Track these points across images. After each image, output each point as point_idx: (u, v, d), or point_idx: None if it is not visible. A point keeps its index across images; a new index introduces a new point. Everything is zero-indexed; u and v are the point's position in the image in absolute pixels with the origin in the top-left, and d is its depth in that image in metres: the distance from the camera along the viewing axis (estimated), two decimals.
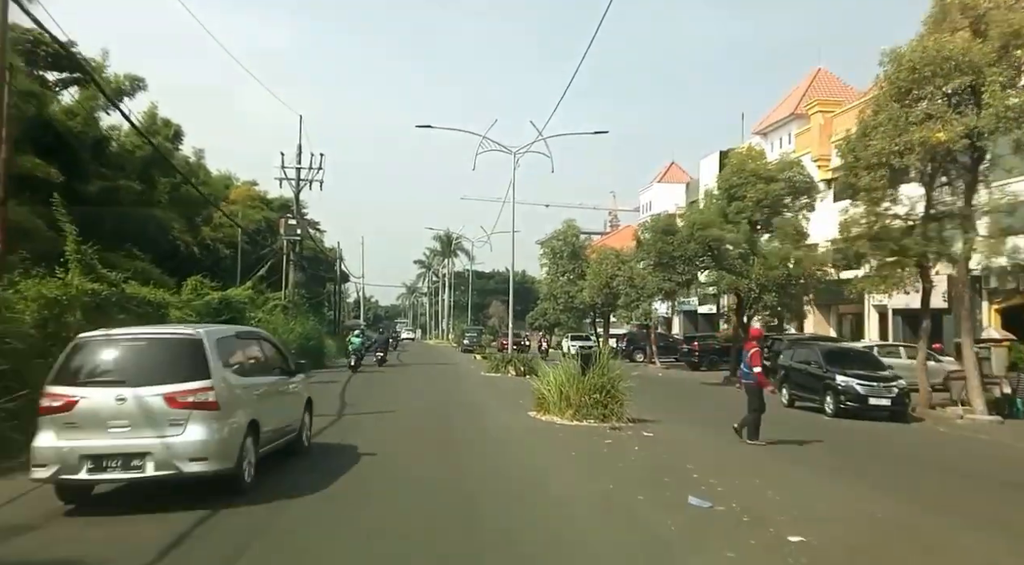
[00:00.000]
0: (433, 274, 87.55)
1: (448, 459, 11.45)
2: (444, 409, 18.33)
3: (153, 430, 8.10)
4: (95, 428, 8.05)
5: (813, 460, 13.03)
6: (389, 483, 9.66)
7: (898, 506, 9.31)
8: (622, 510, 8.57)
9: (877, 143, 19.99)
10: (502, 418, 16.69)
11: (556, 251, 50.12)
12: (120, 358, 8.54)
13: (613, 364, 16.88)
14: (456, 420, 16.24)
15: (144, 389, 8.15)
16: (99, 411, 8.06)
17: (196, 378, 8.35)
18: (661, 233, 29.66)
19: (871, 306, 39.68)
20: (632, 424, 15.84)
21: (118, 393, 8.11)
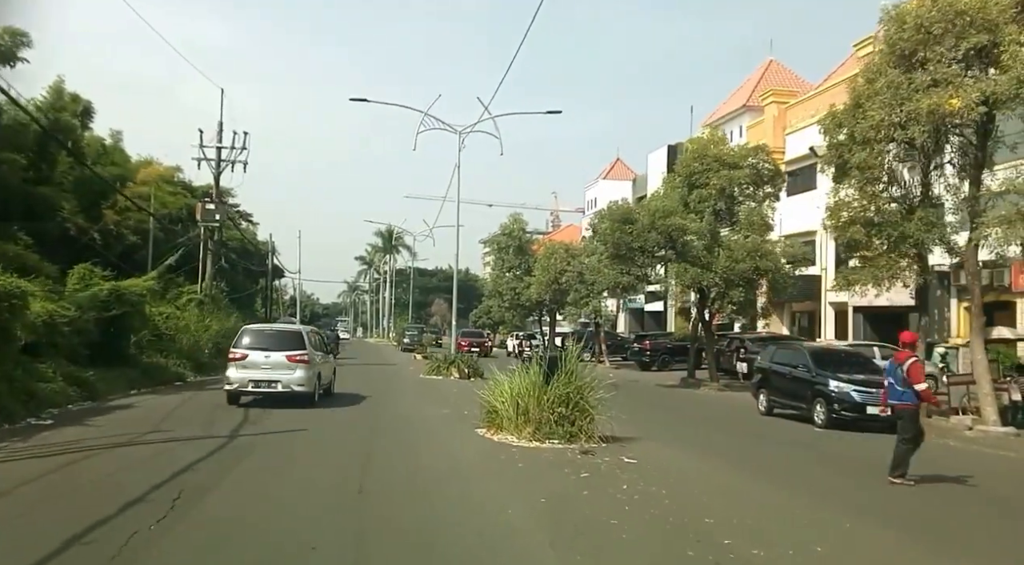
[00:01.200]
0: (375, 271, 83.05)
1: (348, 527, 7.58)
2: (369, 427, 14.46)
3: (280, 372, 16.61)
4: (254, 368, 16.64)
5: (874, 504, 9.59)
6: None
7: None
8: None
9: (875, 113, 16.87)
10: (443, 440, 12.94)
11: (501, 246, 46.55)
12: (265, 337, 17.71)
13: (583, 368, 13.30)
14: (381, 446, 12.17)
15: (276, 353, 16.79)
16: (257, 361, 16.68)
17: (300, 349, 17.05)
18: (619, 222, 26.22)
19: (827, 304, 37.10)
20: (605, 444, 12.30)
21: (265, 353, 16.79)
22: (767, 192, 28.61)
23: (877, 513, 8.74)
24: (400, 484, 8.97)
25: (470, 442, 12.52)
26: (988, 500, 10.13)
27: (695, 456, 12.25)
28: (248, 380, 16.51)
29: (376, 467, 10.06)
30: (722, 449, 13.29)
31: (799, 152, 37.61)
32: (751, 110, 43.78)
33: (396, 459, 10.85)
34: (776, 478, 10.61)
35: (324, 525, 7.01)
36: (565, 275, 39.36)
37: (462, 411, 15.54)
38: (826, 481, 10.86)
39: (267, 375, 16.50)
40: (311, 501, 7.99)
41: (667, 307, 50.07)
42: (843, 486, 10.49)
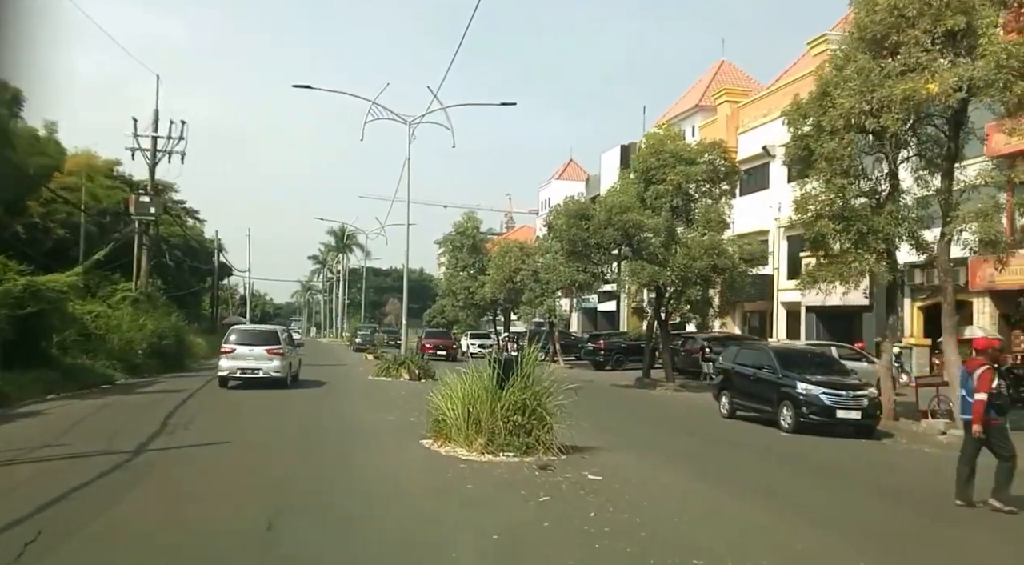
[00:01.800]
0: (328, 270, 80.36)
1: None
2: (300, 438, 12.56)
3: (261, 361, 20.57)
4: (241, 359, 20.54)
5: (884, 529, 8.13)
6: None
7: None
8: None
9: (845, 101, 15.60)
10: (383, 453, 11.13)
11: (455, 245, 44.75)
12: (249, 334, 21.91)
13: (542, 371, 11.67)
14: (310, 462, 10.28)
15: (259, 347, 20.71)
16: (243, 353, 20.59)
17: (276, 344, 21.14)
18: (575, 218, 24.72)
19: (780, 303, 36.20)
20: (565, 456, 10.70)
21: (249, 347, 20.69)
22: (723, 189, 27.44)
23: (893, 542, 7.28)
24: (322, 516, 7.20)
25: (414, 456, 10.79)
26: (991, 521, 8.77)
27: (664, 469, 10.71)
28: (237, 368, 20.80)
29: (296, 492, 8.27)
30: (692, 459, 11.79)
31: (752, 151, 36.68)
32: (704, 110, 42.79)
33: (324, 480, 9.07)
34: (758, 496, 9.12)
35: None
36: (520, 274, 37.80)
37: (408, 418, 13.81)
38: (814, 498, 9.40)
39: (251, 364, 20.76)
40: (202, 545, 6.19)
41: (620, 306, 48.88)
42: (837, 505, 9.03)
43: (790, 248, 34.93)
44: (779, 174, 36.16)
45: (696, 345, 31.20)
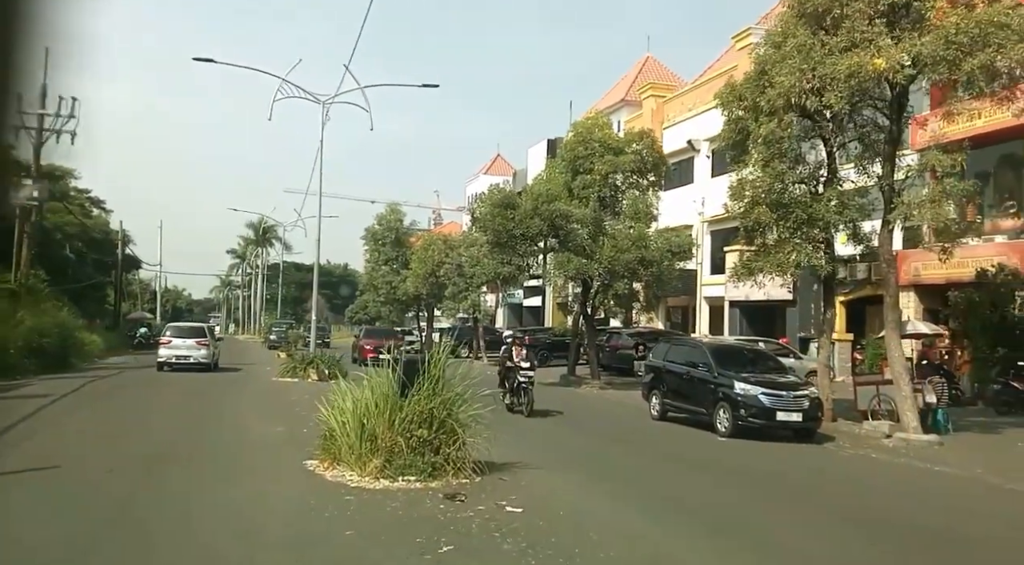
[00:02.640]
0: (247, 265, 76.12)
1: None
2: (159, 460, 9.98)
3: (192, 351, 25.16)
4: (176, 349, 25.17)
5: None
6: None
7: None
8: None
9: (784, 79, 14.05)
10: (254, 480, 8.79)
11: (378, 237, 42.12)
12: (183, 329, 27.52)
13: (455, 372, 9.59)
14: (151, 498, 7.84)
15: (190, 339, 25.62)
16: (177, 344, 25.30)
17: (203, 337, 26.09)
18: (500, 207, 22.73)
19: (703, 298, 35.09)
20: (480, 478, 8.68)
21: (182, 340, 25.60)
22: (651, 180, 25.94)
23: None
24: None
25: (292, 483, 8.56)
26: (967, 541, 7.16)
27: (597, 495, 8.79)
28: (173, 355, 25.35)
29: (112, 545, 5.97)
30: (628, 479, 9.94)
31: (677, 146, 35.39)
32: (629, 105, 41.46)
33: (164, 520, 6.77)
34: (715, 533, 7.29)
35: None
36: (443, 268, 35.56)
37: (302, 429, 11.51)
38: (781, 533, 7.62)
39: (184, 352, 25.31)
40: None
41: (546, 302, 47.22)
42: (810, 542, 7.26)
43: (714, 243, 33.91)
44: (703, 169, 35.07)
45: (621, 341, 29.69)
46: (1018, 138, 19.67)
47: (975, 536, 7.56)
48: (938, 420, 14.63)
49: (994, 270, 18.70)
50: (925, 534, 7.48)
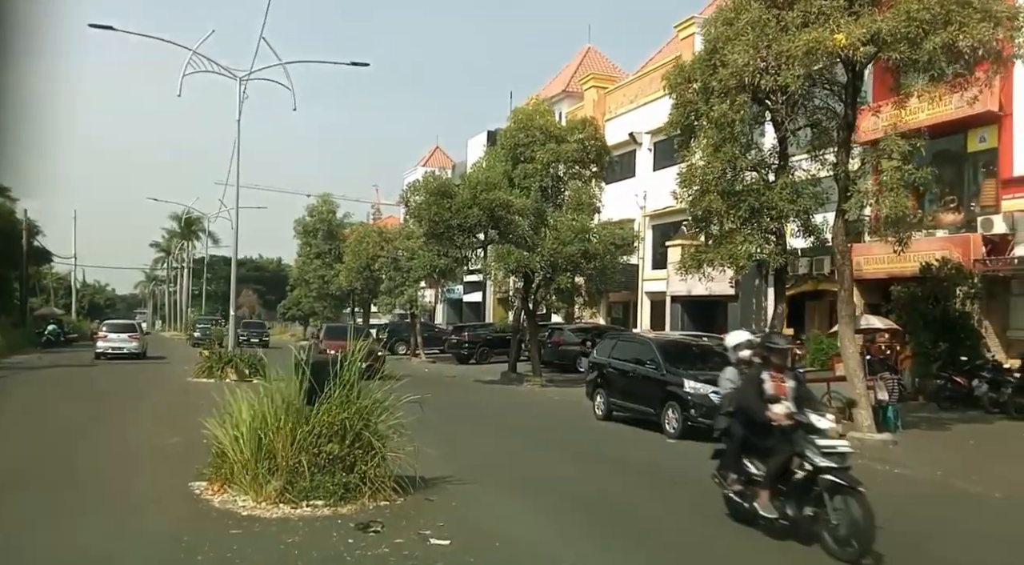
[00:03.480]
0: (173, 259, 72.43)
1: None
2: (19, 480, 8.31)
3: (125, 342, 30.80)
4: (113, 342, 30.70)
5: None
6: None
7: None
8: None
9: (738, 57, 13.01)
10: (128, 508, 7.22)
11: (309, 229, 40.09)
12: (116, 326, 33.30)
13: (379, 375, 8.17)
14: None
15: (123, 333, 31.46)
16: (112, 338, 30.90)
17: (134, 331, 32.53)
18: (436, 196, 21.30)
19: (644, 293, 34.31)
20: (402, 500, 7.33)
21: (117, 334, 31.33)
22: (594, 172, 24.90)
23: None
24: None
25: (167, 512, 7.04)
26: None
27: (538, 516, 7.52)
28: (109, 347, 30.31)
29: None
30: (572, 493, 8.68)
31: (618, 138, 34.47)
32: (571, 96, 40.45)
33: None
34: (666, 556, 6.08)
35: None
36: (378, 261, 33.89)
37: (201, 439, 9.87)
38: (751, 556, 6.47)
39: (118, 344, 30.59)
40: None
41: (486, 297, 45.91)
42: (782, 561, 6.13)
43: (655, 237, 33.17)
44: (645, 162, 34.26)
45: (563, 336, 28.63)
46: (957, 132, 19.29)
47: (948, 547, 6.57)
48: (888, 418, 13.84)
49: (938, 264, 18.20)
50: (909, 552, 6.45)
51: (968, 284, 17.48)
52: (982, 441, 12.87)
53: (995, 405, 15.42)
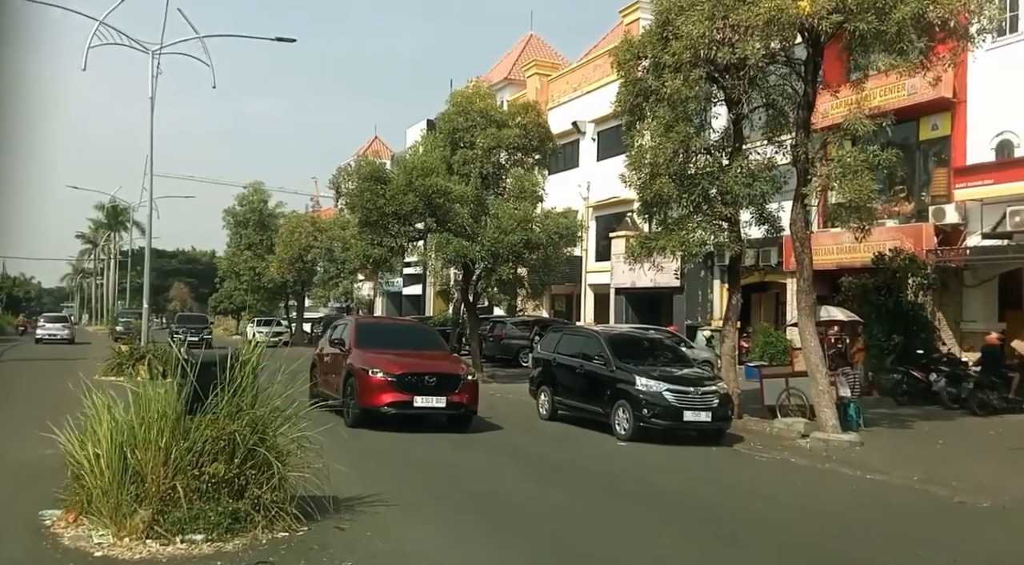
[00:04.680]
0: (101, 251, 68.49)
1: None
2: None
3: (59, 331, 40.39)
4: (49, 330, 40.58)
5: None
6: None
7: None
8: None
9: (692, 28, 11.94)
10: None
11: (239, 219, 37.87)
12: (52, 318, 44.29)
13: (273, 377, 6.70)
14: None
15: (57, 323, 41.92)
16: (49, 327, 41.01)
17: (67, 322, 43.86)
18: (369, 181, 19.76)
19: (587, 286, 33.35)
20: (307, 528, 5.94)
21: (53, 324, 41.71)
22: (537, 159, 23.68)
23: None
24: None
25: (3, 549, 5.47)
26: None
27: (472, 543, 6.22)
28: (46, 334, 39.32)
29: None
30: (512, 510, 7.40)
31: (562, 128, 33.36)
32: (513, 84, 39.17)
33: None
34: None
35: None
36: (311, 252, 32.03)
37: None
38: None
39: (54, 332, 39.60)
40: None
41: (426, 290, 44.35)
42: None
43: (599, 229, 32.23)
44: (589, 152, 33.26)
45: (506, 330, 27.40)
46: (909, 120, 18.72)
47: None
48: (850, 415, 13.03)
49: (891, 255, 17.58)
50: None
51: (921, 275, 16.89)
52: (950, 441, 12.12)
53: (954, 400, 14.79)
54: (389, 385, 11.40)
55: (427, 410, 11.59)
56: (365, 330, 13.50)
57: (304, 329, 42.73)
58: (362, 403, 11.59)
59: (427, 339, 14.12)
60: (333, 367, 13.08)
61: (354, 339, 12.77)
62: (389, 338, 13.52)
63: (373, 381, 11.50)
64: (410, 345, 13.13)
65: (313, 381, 13.22)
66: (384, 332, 14.45)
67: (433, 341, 14.08)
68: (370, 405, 11.46)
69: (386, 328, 15.69)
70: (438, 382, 11.61)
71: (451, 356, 13.71)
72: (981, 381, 14.57)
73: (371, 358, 11.94)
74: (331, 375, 13.03)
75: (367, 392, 11.49)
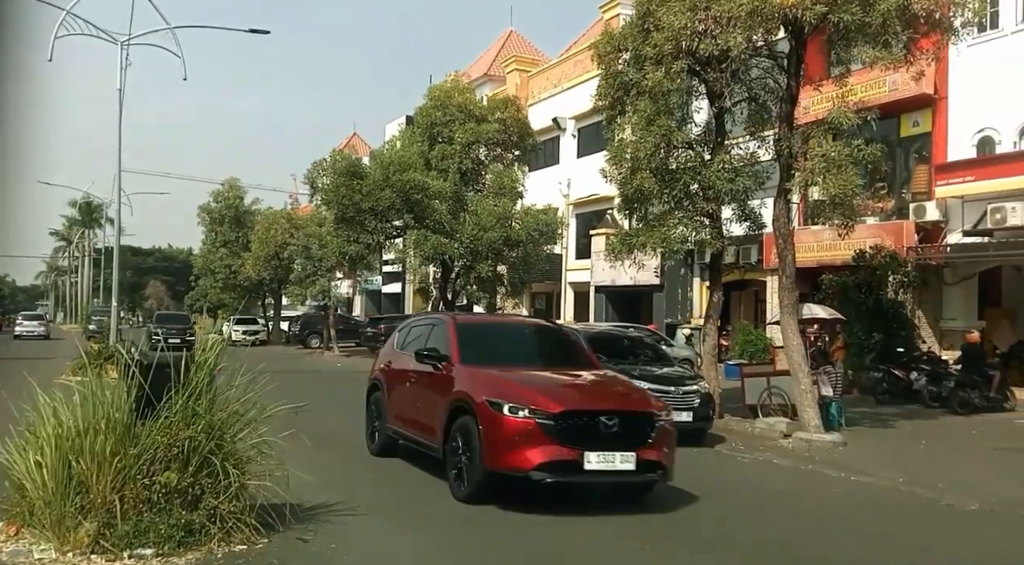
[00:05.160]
0: (76, 249, 67.24)
1: None
2: None
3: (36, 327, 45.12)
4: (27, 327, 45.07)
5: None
6: None
7: None
8: None
9: (674, 19, 11.64)
10: None
11: (214, 215, 37.18)
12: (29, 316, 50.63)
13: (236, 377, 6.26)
14: None
15: (35, 321, 47.18)
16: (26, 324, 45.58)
17: (43, 320, 49.62)
18: (345, 176, 19.32)
19: (567, 284, 33.09)
20: (268, 538, 5.56)
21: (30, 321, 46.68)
22: (516, 155, 23.39)
23: None
24: None
25: None
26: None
27: (452, 557, 5.85)
28: (24, 330, 43.22)
29: None
30: (499, 518, 7.02)
31: (542, 124, 33.07)
32: (493, 80, 38.86)
33: None
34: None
35: None
36: (287, 249, 31.47)
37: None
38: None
39: (31, 329, 43.70)
40: None
41: (406, 288, 43.91)
42: None
43: (579, 226, 31.98)
44: (569, 149, 32.98)
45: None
46: (890, 116, 18.61)
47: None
48: (832, 415, 12.81)
49: (872, 252, 17.46)
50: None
51: (902, 273, 16.77)
52: (933, 440, 11.94)
53: (935, 399, 14.66)
54: (543, 433, 6.73)
55: (606, 476, 6.93)
56: (470, 334, 8.51)
57: (281, 328, 42.09)
58: (492, 463, 6.87)
59: (565, 348, 9.14)
60: (421, 394, 8.50)
61: (456, 350, 8.02)
62: (509, 347, 8.68)
63: (512, 425, 6.81)
64: (544, 358, 8.61)
65: (374, 413, 9.63)
66: (499, 337, 9.14)
67: (573, 351, 9.04)
68: (507, 467, 6.82)
69: (500, 331, 9.81)
70: (621, 426, 6.91)
71: (622, 379, 8.67)
72: (962, 380, 14.45)
73: (501, 384, 7.31)
74: (418, 407, 8.48)
75: (502, 444, 6.82)
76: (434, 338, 8.71)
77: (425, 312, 29.34)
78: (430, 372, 8.25)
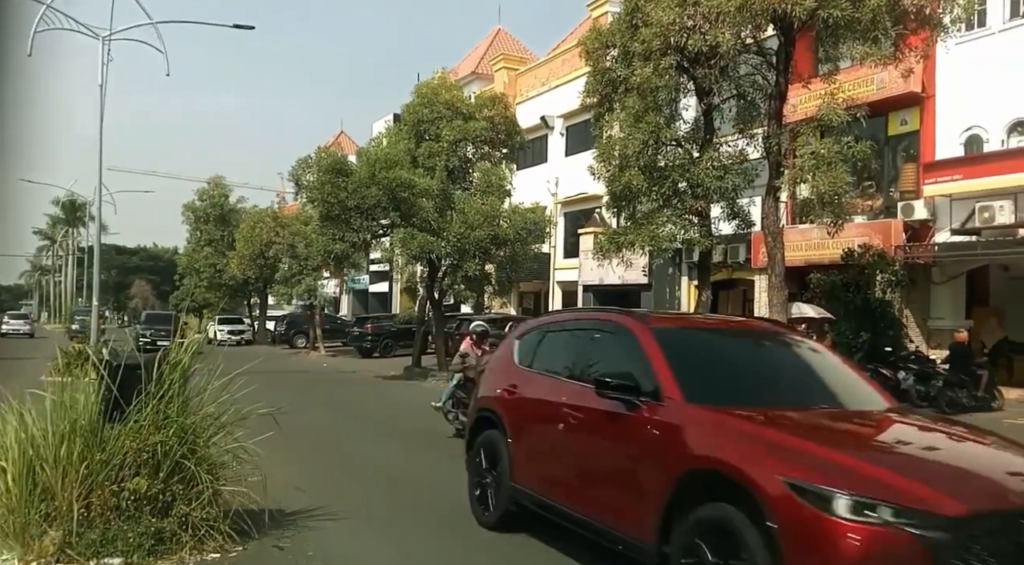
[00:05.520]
0: (60, 248, 66.47)
1: None
2: None
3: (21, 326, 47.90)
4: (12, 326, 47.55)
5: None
6: None
7: None
8: None
9: (663, 14, 11.53)
10: None
11: (199, 214, 36.77)
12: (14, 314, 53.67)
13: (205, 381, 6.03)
14: None
15: (20, 320, 50.16)
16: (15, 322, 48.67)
17: (28, 318, 53.08)
18: (330, 173, 19.05)
19: (555, 282, 32.95)
20: (244, 545, 5.36)
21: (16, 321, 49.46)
22: (504, 153, 23.17)
23: None
24: None
25: None
26: None
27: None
28: (11, 329, 45.12)
29: None
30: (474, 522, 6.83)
31: (530, 123, 32.87)
32: (481, 78, 38.60)
33: None
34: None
35: None
36: (273, 248, 31.13)
37: None
38: None
39: (17, 327, 46.08)
40: None
41: (393, 287, 43.62)
42: None
43: (567, 225, 31.83)
44: (557, 147, 32.83)
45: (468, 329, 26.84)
46: (878, 115, 18.55)
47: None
48: None
49: (860, 251, 17.37)
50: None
51: (890, 272, 16.69)
52: None
53: (923, 398, 14.57)
54: (926, 558, 3.40)
55: None
56: (685, 349, 5.07)
57: (267, 327, 41.73)
58: None
59: (831, 372, 5.42)
60: (595, 447, 5.09)
61: (671, 377, 4.59)
62: (750, 372, 5.21)
63: (859, 541, 3.41)
64: (810, 393, 5.08)
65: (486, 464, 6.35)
66: (728, 354, 5.44)
67: (844, 377, 5.43)
68: None
69: (727, 343, 5.70)
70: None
71: (1001, 437, 4.60)
72: (950, 379, 14.37)
73: (802, 447, 3.94)
74: (591, 470, 5.13)
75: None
76: (607, 353, 5.35)
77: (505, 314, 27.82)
78: (612, 411, 4.78)
